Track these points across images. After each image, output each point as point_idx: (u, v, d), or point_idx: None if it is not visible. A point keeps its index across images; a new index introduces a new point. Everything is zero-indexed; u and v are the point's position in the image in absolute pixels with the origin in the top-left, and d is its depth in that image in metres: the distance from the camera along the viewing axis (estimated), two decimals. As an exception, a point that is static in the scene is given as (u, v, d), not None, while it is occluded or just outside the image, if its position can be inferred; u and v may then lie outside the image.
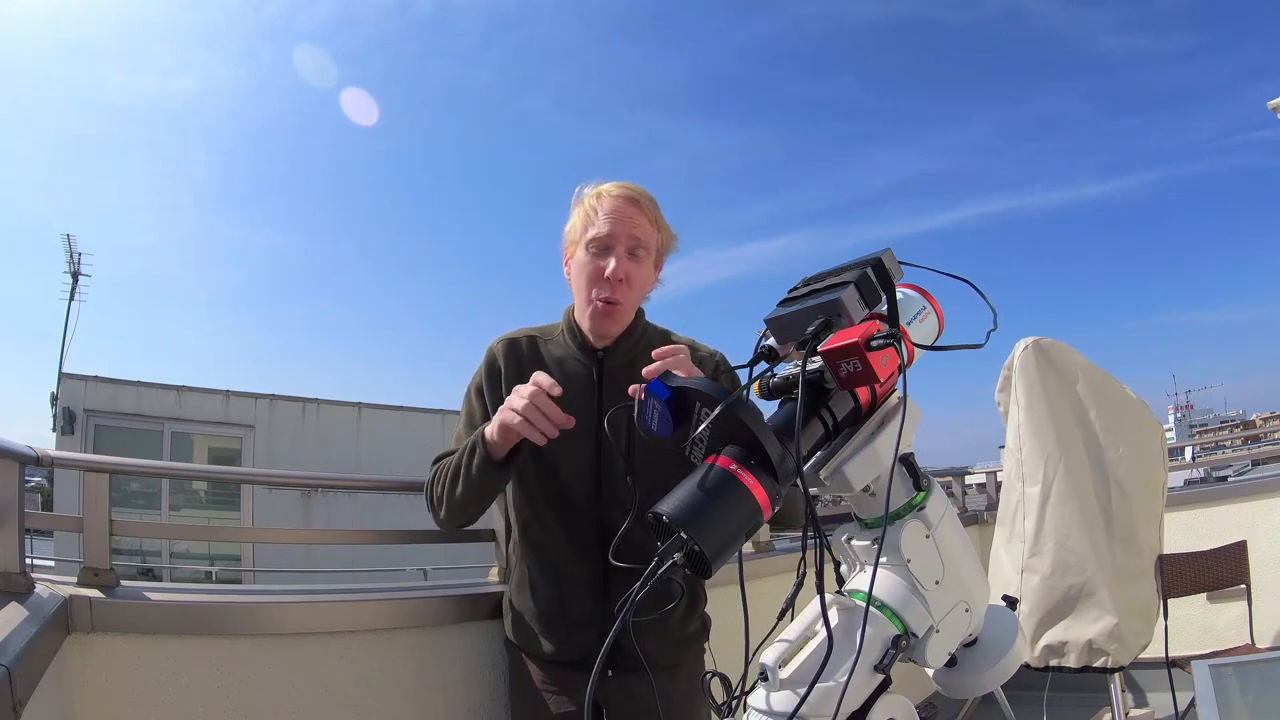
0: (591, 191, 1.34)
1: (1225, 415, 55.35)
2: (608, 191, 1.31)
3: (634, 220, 1.30)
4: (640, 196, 1.32)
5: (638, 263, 1.31)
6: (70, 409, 8.82)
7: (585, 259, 1.31)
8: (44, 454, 1.32)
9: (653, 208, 1.33)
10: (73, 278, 10.67)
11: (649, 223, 1.32)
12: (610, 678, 1.27)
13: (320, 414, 10.41)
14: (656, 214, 1.33)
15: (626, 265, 1.29)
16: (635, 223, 1.30)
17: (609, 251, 1.29)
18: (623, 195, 1.31)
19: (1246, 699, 1.17)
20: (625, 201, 1.30)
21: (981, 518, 3.84)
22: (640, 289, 1.34)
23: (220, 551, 9.08)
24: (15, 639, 0.99)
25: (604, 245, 1.29)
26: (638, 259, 1.31)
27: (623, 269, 1.28)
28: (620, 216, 1.29)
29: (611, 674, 1.27)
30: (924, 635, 0.67)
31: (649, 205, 1.32)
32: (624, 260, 1.28)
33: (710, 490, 0.59)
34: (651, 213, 1.32)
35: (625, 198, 1.31)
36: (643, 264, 1.32)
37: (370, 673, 1.51)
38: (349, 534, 4.34)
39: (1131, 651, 2.23)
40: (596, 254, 1.29)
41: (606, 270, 1.28)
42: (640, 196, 1.32)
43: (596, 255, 1.29)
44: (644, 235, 1.31)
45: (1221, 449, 12.34)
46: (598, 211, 1.30)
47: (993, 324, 0.71)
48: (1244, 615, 2.71)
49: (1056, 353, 2.42)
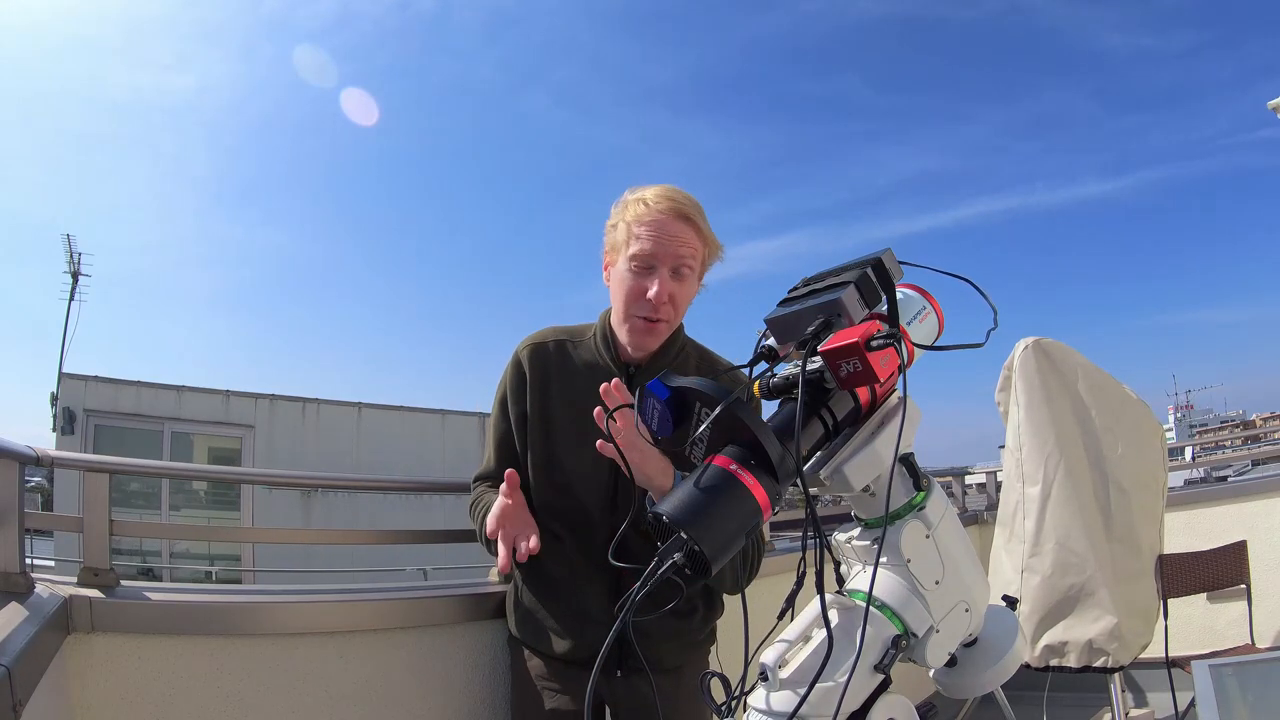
0: (636, 199, 1.25)
1: (1225, 415, 55.33)
2: (654, 203, 1.23)
3: (680, 239, 1.22)
4: (689, 208, 1.24)
5: (682, 281, 1.24)
6: (70, 409, 8.82)
7: (626, 274, 1.24)
8: (44, 454, 1.32)
9: (701, 219, 1.25)
10: (73, 278, 10.68)
11: (696, 237, 1.24)
12: (619, 678, 1.27)
13: (320, 414, 10.40)
14: (703, 226, 1.26)
15: (670, 286, 1.22)
16: (681, 240, 1.22)
17: (652, 272, 1.22)
18: (670, 209, 1.22)
19: (1246, 699, 1.17)
20: (672, 217, 1.22)
21: (981, 518, 3.84)
22: (684, 305, 1.28)
23: (220, 551, 9.07)
24: (15, 639, 0.99)
25: (647, 264, 1.22)
26: (682, 278, 1.24)
27: (665, 291, 1.21)
28: (665, 235, 1.21)
29: (620, 674, 1.27)
30: (924, 635, 0.67)
31: (697, 217, 1.24)
32: (667, 282, 1.22)
33: (710, 490, 0.59)
34: (700, 227, 1.25)
35: (673, 212, 1.22)
36: (687, 282, 1.26)
37: (370, 673, 1.51)
38: (349, 534, 4.35)
39: (1131, 651, 2.23)
40: (639, 272, 1.23)
41: (650, 292, 1.21)
42: (689, 208, 1.24)
43: (639, 274, 1.23)
44: (690, 253, 1.23)
45: (1221, 449, 12.34)
46: (642, 225, 1.22)
47: (993, 323, 0.71)
48: (1244, 615, 2.71)
49: (1057, 352, 2.42)
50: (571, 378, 1.32)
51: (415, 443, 10.45)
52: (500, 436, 1.37)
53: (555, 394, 1.32)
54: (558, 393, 1.32)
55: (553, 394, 1.32)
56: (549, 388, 1.33)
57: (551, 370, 1.33)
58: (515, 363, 1.36)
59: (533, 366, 1.34)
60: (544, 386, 1.33)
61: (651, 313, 1.23)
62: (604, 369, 1.30)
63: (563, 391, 1.32)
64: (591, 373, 1.29)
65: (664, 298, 1.22)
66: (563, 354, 1.34)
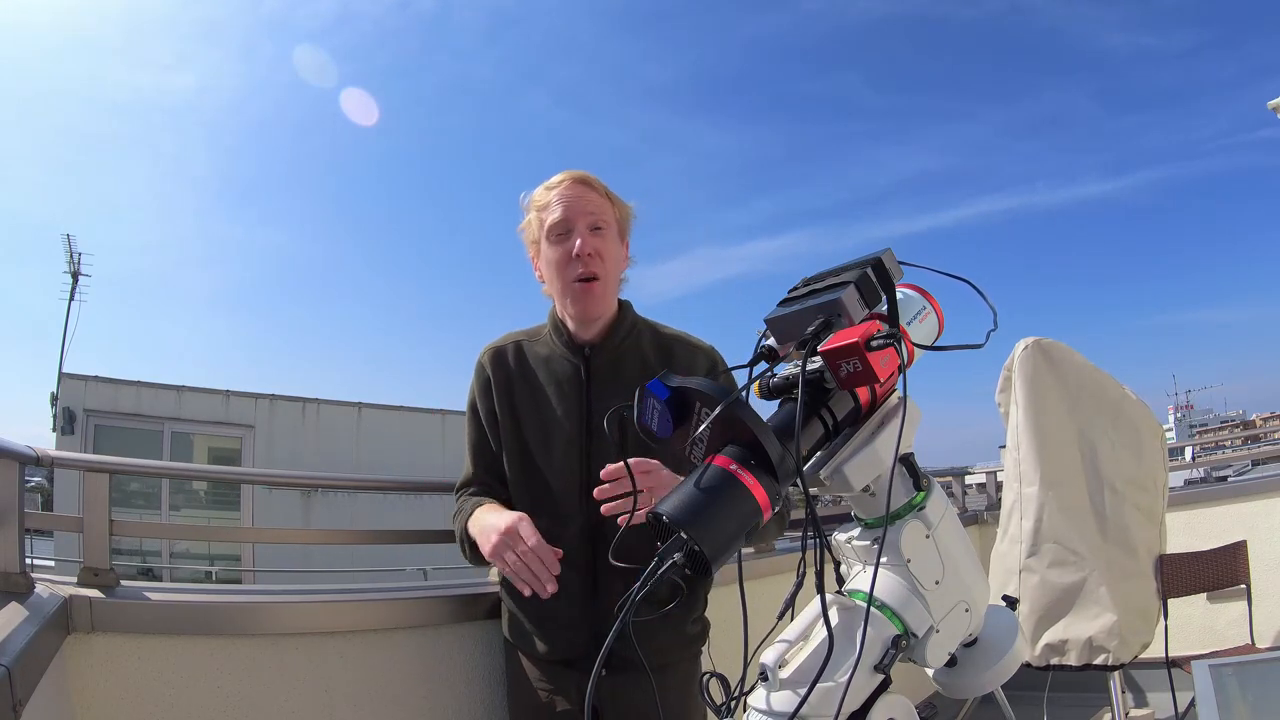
0: (537, 189, 1.36)
1: (1225, 415, 55.34)
2: (551, 182, 1.34)
3: (586, 198, 1.32)
4: (585, 177, 1.34)
5: (602, 237, 1.32)
6: (70, 409, 8.82)
7: (550, 249, 1.32)
8: (44, 454, 1.32)
9: (599, 184, 1.35)
10: (73, 278, 10.68)
11: (601, 197, 1.34)
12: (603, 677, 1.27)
13: (320, 414, 10.40)
14: (606, 190, 1.35)
15: (592, 240, 1.30)
16: (588, 200, 1.32)
17: (571, 233, 1.30)
18: (569, 179, 1.33)
19: (1246, 699, 1.17)
20: (573, 184, 1.32)
21: (981, 518, 3.84)
22: (614, 263, 1.35)
23: (220, 551, 9.08)
24: (15, 639, 0.99)
25: (565, 229, 1.30)
26: (601, 234, 1.32)
27: (589, 244, 1.29)
28: (572, 198, 1.31)
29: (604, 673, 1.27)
30: (924, 635, 0.67)
31: (596, 183, 1.34)
32: (588, 236, 1.30)
33: (710, 490, 0.59)
34: (601, 189, 1.34)
35: (572, 179, 1.33)
36: (607, 238, 1.33)
37: (370, 673, 1.51)
38: (349, 534, 4.35)
39: (1132, 649, 2.23)
40: (560, 239, 1.31)
41: (574, 249, 1.29)
42: (585, 177, 1.34)
43: (560, 241, 1.31)
44: (600, 210, 1.33)
45: (1221, 449, 12.34)
46: (547, 201, 1.32)
47: (993, 324, 0.71)
48: (1244, 615, 2.71)
49: (1057, 353, 2.42)
50: (532, 374, 1.38)
51: (415, 443, 10.45)
52: (475, 443, 1.43)
53: (519, 392, 1.37)
54: (521, 391, 1.37)
55: (516, 392, 1.37)
56: (512, 387, 1.38)
57: (512, 371, 1.38)
58: (479, 369, 1.42)
59: (495, 370, 1.39)
60: (508, 387, 1.38)
61: (583, 269, 1.30)
62: (560, 356, 1.37)
63: (525, 389, 1.37)
64: (549, 365, 1.37)
65: (588, 249, 1.29)
66: (520, 354, 1.40)
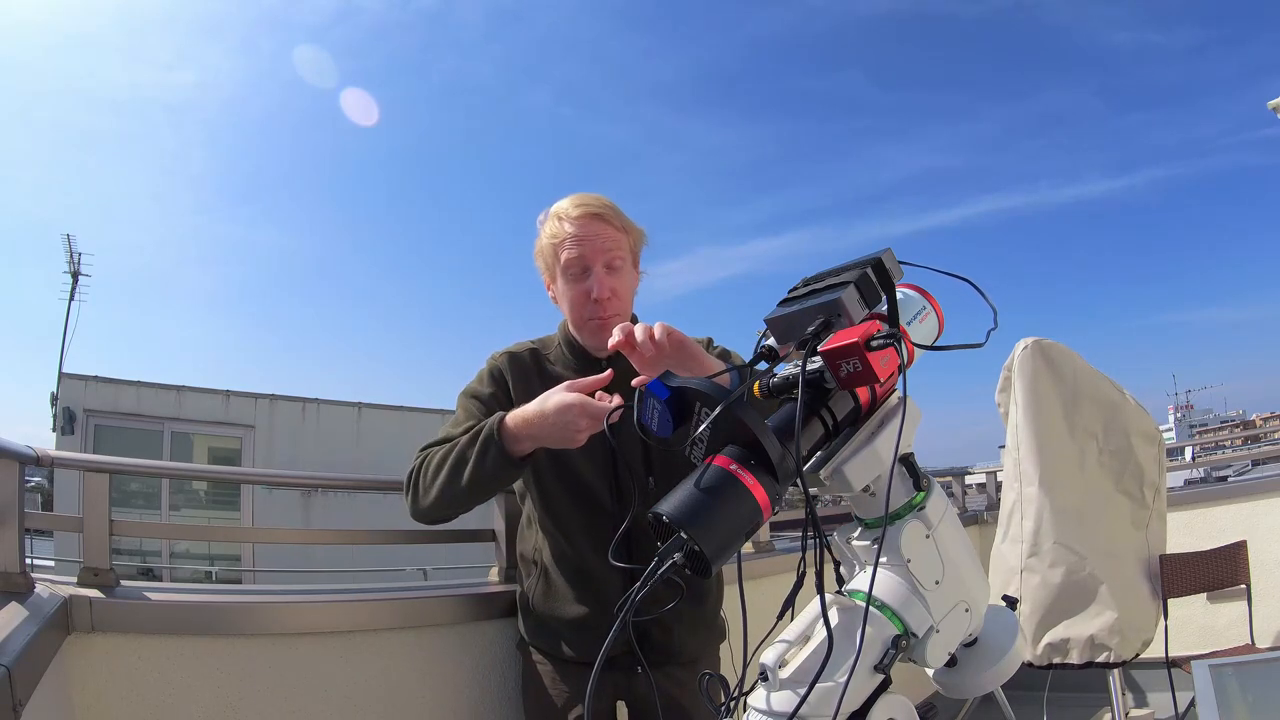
0: (551, 217, 1.33)
1: (1225, 415, 55.29)
2: (566, 213, 1.30)
3: (602, 236, 1.29)
4: (599, 207, 1.31)
5: (617, 274, 1.31)
6: (70, 409, 8.81)
7: (566, 285, 1.31)
8: (44, 454, 1.32)
9: (615, 213, 1.32)
10: (73, 278, 10.66)
11: (616, 231, 1.31)
12: (639, 674, 1.28)
13: (320, 414, 10.39)
14: (620, 220, 1.33)
15: (608, 281, 1.29)
16: (604, 237, 1.29)
17: (588, 274, 1.29)
18: (583, 213, 1.30)
19: (1246, 699, 1.17)
20: (587, 219, 1.29)
21: (981, 518, 3.84)
22: (628, 294, 1.35)
23: (220, 551, 9.07)
24: (15, 639, 0.99)
25: (581, 267, 1.29)
26: (616, 270, 1.31)
27: (605, 287, 1.28)
28: (587, 237, 1.29)
29: (640, 670, 1.27)
30: (924, 635, 0.67)
31: (610, 213, 1.32)
32: (604, 278, 1.29)
33: (710, 490, 0.59)
34: (616, 221, 1.32)
35: (587, 215, 1.30)
36: (622, 273, 1.32)
37: (370, 673, 1.51)
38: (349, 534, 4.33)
39: (1134, 646, 2.23)
40: (576, 278, 1.30)
41: (592, 293, 1.28)
42: (599, 207, 1.31)
43: (577, 279, 1.30)
44: (615, 246, 1.31)
45: (1221, 449, 12.34)
46: (564, 237, 1.29)
47: (993, 323, 0.71)
48: (1244, 615, 2.71)
49: (1056, 353, 2.42)
50: (551, 380, 1.34)
51: (415, 443, 10.34)
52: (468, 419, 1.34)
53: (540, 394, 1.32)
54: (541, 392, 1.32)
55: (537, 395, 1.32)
56: (532, 390, 1.34)
57: (531, 375, 1.37)
58: (493, 370, 1.40)
59: (513, 373, 1.38)
60: (527, 390, 1.35)
61: (600, 311, 1.30)
62: (576, 370, 1.35)
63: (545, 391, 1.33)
64: (566, 375, 1.33)
65: (605, 293, 1.29)
66: (537, 359, 1.40)
